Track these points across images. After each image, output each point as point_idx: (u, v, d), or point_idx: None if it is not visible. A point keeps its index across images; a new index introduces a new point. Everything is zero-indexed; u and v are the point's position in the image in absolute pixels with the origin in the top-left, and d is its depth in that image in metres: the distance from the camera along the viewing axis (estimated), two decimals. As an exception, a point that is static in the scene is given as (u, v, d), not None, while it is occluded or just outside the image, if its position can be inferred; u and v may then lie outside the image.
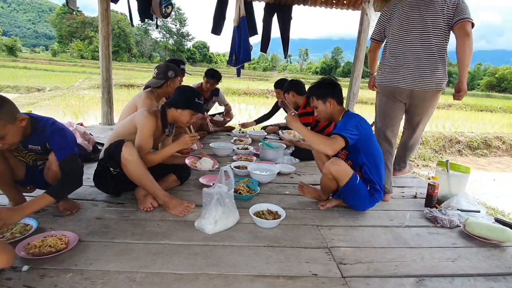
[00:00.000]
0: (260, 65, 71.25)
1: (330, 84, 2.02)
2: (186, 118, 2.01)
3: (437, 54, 2.17)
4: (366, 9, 4.12)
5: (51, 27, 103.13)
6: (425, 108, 2.35)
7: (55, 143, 1.60)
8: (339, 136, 1.83)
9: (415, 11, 2.19)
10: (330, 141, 1.83)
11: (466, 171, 2.38)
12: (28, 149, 1.64)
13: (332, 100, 2.00)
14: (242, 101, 12.62)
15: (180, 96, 2.01)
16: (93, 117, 7.13)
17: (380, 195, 2.02)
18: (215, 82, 4.04)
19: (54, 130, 1.60)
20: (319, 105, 2.03)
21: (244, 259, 1.46)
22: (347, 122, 1.91)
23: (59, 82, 14.58)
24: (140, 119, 1.91)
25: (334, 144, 1.82)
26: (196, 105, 2.00)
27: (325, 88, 2.01)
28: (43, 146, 1.63)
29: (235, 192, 2.10)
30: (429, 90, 2.23)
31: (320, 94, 2.01)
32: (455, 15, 2.09)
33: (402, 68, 2.27)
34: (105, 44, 4.31)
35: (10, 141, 1.44)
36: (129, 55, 54.00)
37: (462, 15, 2.06)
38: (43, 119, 1.64)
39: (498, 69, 50.60)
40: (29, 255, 1.34)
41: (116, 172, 1.85)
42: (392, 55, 2.34)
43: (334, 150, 1.84)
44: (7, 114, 1.37)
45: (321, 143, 1.86)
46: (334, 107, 2.01)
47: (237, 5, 4.39)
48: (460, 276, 1.44)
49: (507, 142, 7.42)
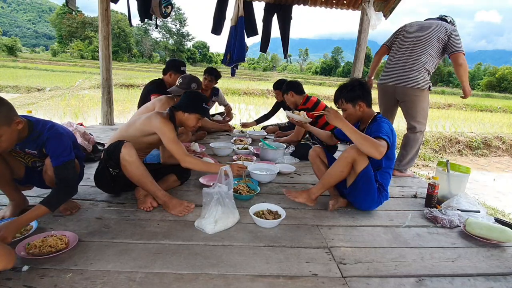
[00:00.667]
0: (260, 65, 71.29)
1: (360, 86, 1.96)
2: (192, 122, 2.05)
3: (423, 64, 2.68)
4: (366, 9, 4.13)
5: (51, 27, 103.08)
6: (411, 103, 2.79)
7: (51, 149, 1.57)
8: (383, 139, 1.75)
9: (417, 30, 2.76)
10: (378, 144, 1.72)
11: (467, 171, 2.38)
12: (25, 152, 1.64)
13: (362, 103, 1.96)
14: (242, 101, 12.61)
15: (188, 100, 2.03)
16: (93, 117, 7.13)
17: (387, 195, 2.05)
18: (213, 78, 4.02)
19: (50, 136, 1.57)
20: (349, 108, 1.99)
21: (244, 259, 1.46)
22: (382, 126, 1.85)
23: (59, 82, 14.57)
24: (159, 125, 1.89)
25: (381, 147, 1.72)
26: (203, 110, 2.05)
27: (354, 91, 1.95)
28: (39, 150, 1.61)
29: (235, 192, 2.10)
30: (409, 87, 2.73)
31: (350, 97, 1.96)
32: (449, 47, 2.61)
33: (392, 69, 2.86)
34: (105, 44, 4.31)
35: (3, 144, 1.40)
36: (129, 55, 54.00)
37: (454, 48, 2.58)
38: (40, 122, 1.60)
39: (498, 69, 50.57)
40: (29, 255, 1.34)
41: (116, 173, 1.85)
42: (389, 60, 2.95)
43: (381, 154, 1.72)
44: (3, 116, 1.35)
45: (371, 146, 1.72)
46: (364, 110, 1.98)
47: (236, 4, 4.39)
48: (460, 276, 1.44)
49: (507, 142, 7.42)
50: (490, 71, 52.80)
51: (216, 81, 4.11)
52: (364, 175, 1.89)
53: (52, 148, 1.56)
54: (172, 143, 1.89)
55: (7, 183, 1.70)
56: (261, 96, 15.35)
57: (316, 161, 2.29)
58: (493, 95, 32.55)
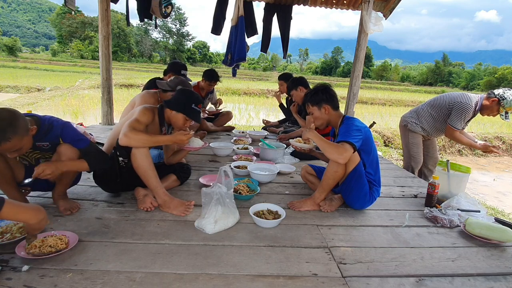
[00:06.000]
0: (260, 65, 71.24)
1: (323, 90, 2.06)
2: (179, 122, 1.96)
3: (424, 115, 3.09)
4: (366, 9, 4.12)
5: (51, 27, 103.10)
6: (400, 136, 3.40)
7: (69, 135, 1.70)
8: (346, 143, 1.84)
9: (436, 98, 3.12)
10: (341, 150, 1.82)
11: (467, 171, 2.38)
12: (35, 146, 1.66)
13: (326, 106, 2.03)
14: (242, 101, 12.61)
15: (177, 97, 1.96)
16: (93, 117, 7.13)
17: (378, 190, 2.07)
18: (214, 83, 4.07)
19: (64, 125, 1.70)
20: (315, 111, 2.07)
21: (244, 259, 1.46)
22: (349, 127, 1.92)
23: (59, 82, 14.57)
24: (137, 110, 1.91)
25: (345, 152, 1.82)
26: (191, 111, 1.93)
27: (318, 95, 2.05)
28: (53, 142, 1.68)
29: (235, 192, 2.10)
30: (401, 124, 3.30)
31: (315, 100, 2.05)
32: (449, 116, 2.88)
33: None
34: (105, 44, 4.31)
35: (25, 150, 1.53)
36: (129, 55, 53.97)
37: (449, 121, 2.86)
38: (44, 117, 1.68)
39: (498, 69, 50.54)
40: (29, 255, 1.34)
41: (124, 163, 1.86)
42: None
43: (345, 159, 1.83)
44: (22, 128, 1.43)
45: (334, 152, 1.84)
46: (330, 112, 2.05)
47: (236, 4, 4.39)
48: (460, 276, 1.44)
49: (507, 142, 7.43)
50: (490, 71, 52.80)
51: (215, 84, 4.14)
52: (355, 172, 1.93)
53: (71, 134, 1.71)
54: (130, 120, 1.81)
55: (8, 183, 1.70)
56: (261, 96, 15.34)
57: (306, 177, 2.41)
58: (493, 95, 32.45)
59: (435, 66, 60.47)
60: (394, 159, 5.79)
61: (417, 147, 3.20)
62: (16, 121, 1.40)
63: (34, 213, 1.23)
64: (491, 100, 2.72)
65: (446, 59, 66.31)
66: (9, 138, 1.36)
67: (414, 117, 3.14)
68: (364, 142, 1.92)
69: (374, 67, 68.20)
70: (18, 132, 1.39)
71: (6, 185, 1.71)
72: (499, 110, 2.74)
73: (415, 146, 3.20)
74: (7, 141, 1.36)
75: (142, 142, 1.78)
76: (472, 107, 2.77)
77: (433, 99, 3.11)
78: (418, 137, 3.18)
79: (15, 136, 1.38)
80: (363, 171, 1.97)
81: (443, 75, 57.97)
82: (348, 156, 1.84)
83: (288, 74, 4.16)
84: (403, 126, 3.23)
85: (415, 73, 70.30)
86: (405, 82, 57.27)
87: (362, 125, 1.98)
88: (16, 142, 1.40)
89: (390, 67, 65.33)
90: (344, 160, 1.84)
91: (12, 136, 1.37)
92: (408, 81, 59.24)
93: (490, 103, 2.74)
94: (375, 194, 2.05)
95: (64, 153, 1.68)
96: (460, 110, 2.78)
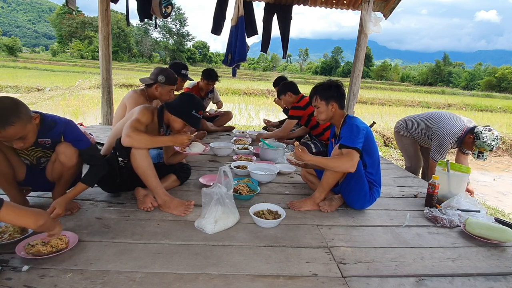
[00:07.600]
0: (260, 65, 71.30)
1: (336, 88, 2.02)
2: (177, 126, 1.96)
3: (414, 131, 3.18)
4: (366, 9, 4.12)
5: (51, 27, 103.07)
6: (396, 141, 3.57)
7: (72, 134, 1.70)
8: (352, 150, 1.83)
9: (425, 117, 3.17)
10: (347, 159, 1.82)
11: (467, 171, 2.38)
12: (38, 143, 1.66)
13: (334, 104, 2.01)
14: (242, 101, 12.60)
15: (178, 102, 1.95)
16: (93, 117, 7.13)
17: (379, 190, 2.07)
18: (212, 83, 4.08)
19: (67, 123, 1.71)
20: (321, 105, 2.03)
21: (244, 259, 1.46)
22: (353, 130, 1.90)
23: (59, 82, 14.56)
24: (136, 110, 1.91)
25: (352, 160, 1.81)
26: (191, 117, 1.93)
27: (330, 91, 2.01)
28: (54, 139, 1.68)
29: (235, 192, 2.10)
30: (394, 130, 3.45)
31: (325, 95, 2.01)
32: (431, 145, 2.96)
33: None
34: (105, 44, 4.31)
35: (30, 140, 1.51)
36: (129, 55, 53.97)
37: (431, 154, 2.93)
38: (48, 114, 1.69)
39: (498, 69, 50.57)
40: (29, 255, 1.34)
41: (124, 163, 1.86)
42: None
43: (354, 166, 1.83)
44: (25, 114, 1.43)
45: (341, 164, 1.83)
46: (336, 110, 2.02)
47: (236, 4, 4.39)
48: (460, 276, 1.44)
49: (507, 142, 7.42)
50: (490, 71, 52.81)
51: (214, 83, 4.14)
52: (354, 172, 1.91)
53: (74, 133, 1.72)
54: (130, 121, 1.82)
55: (9, 182, 1.70)
56: (261, 96, 15.34)
57: (306, 177, 2.42)
58: (493, 95, 32.55)
59: (436, 66, 60.51)
60: (394, 159, 5.79)
61: (412, 147, 3.33)
62: (19, 107, 1.42)
63: (34, 218, 1.20)
64: (468, 136, 2.71)
65: (446, 59, 66.32)
66: (12, 122, 1.36)
67: (405, 127, 3.28)
68: (365, 142, 1.91)
69: (374, 67, 68.25)
70: (21, 117, 1.40)
71: (6, 184, 1.70)
72: (473, 149, 2.71)
73: (410, 146, 3.34)
74: (10, 125, 1.36)
75: (144, 143, 1.79)
76: (451, 142, 2.75)
77: (423, 118, 3.13)
78: (411, 139, 3.29)
79: (19, 121, 1.38)
80: (363, 171, 1.96)
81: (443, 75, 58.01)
82: (356, 161, 1.83)
83: (280, 79, 4.18)
84: (396, 132, 3.41)
85: (415, 73, 70.38)
86: (405, 82, 57.33)
87: (364, 125, 1.96)
88: (20, 128, 1.40)
89: (390, 67, 65.40)
90: (354, 168, 1.83)
91: (16, 121, 1.37)
92: (408, 81, 59.31)
93: (467, 139, 2.73)
94: (375, 194, 2.05)
95: (63, 152, 1.67)
96: (438, 145, 2.83)
